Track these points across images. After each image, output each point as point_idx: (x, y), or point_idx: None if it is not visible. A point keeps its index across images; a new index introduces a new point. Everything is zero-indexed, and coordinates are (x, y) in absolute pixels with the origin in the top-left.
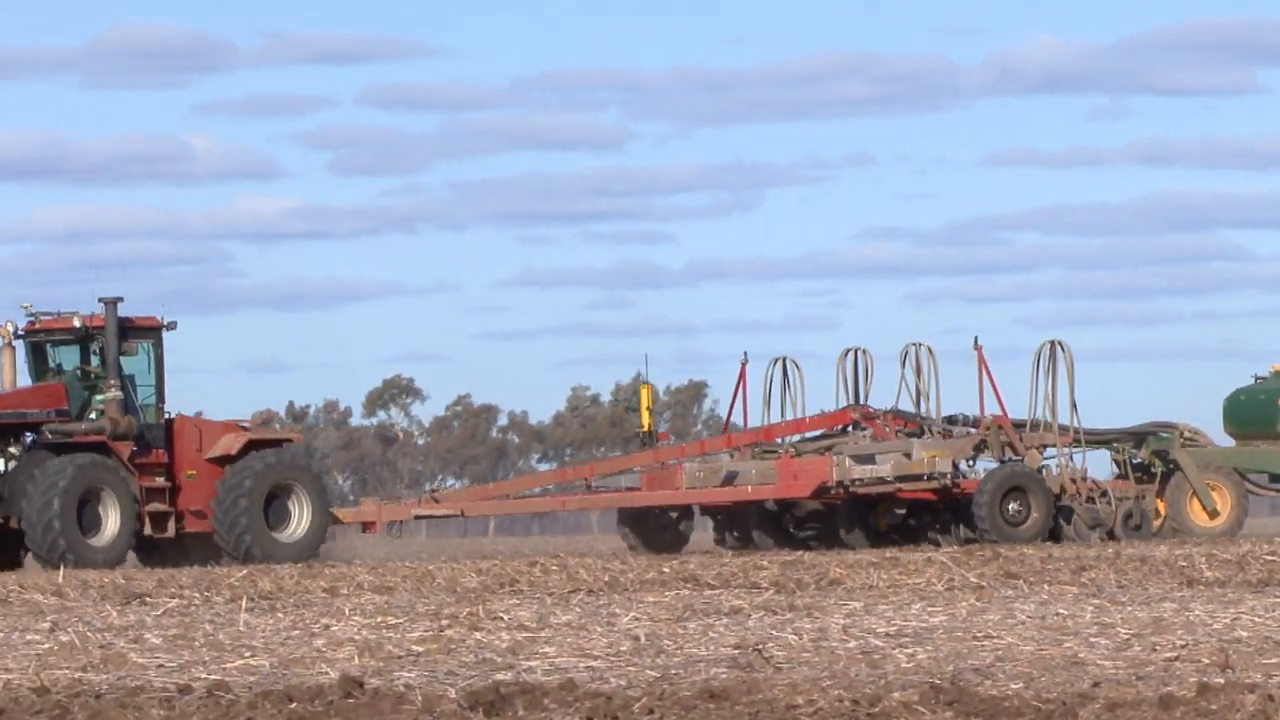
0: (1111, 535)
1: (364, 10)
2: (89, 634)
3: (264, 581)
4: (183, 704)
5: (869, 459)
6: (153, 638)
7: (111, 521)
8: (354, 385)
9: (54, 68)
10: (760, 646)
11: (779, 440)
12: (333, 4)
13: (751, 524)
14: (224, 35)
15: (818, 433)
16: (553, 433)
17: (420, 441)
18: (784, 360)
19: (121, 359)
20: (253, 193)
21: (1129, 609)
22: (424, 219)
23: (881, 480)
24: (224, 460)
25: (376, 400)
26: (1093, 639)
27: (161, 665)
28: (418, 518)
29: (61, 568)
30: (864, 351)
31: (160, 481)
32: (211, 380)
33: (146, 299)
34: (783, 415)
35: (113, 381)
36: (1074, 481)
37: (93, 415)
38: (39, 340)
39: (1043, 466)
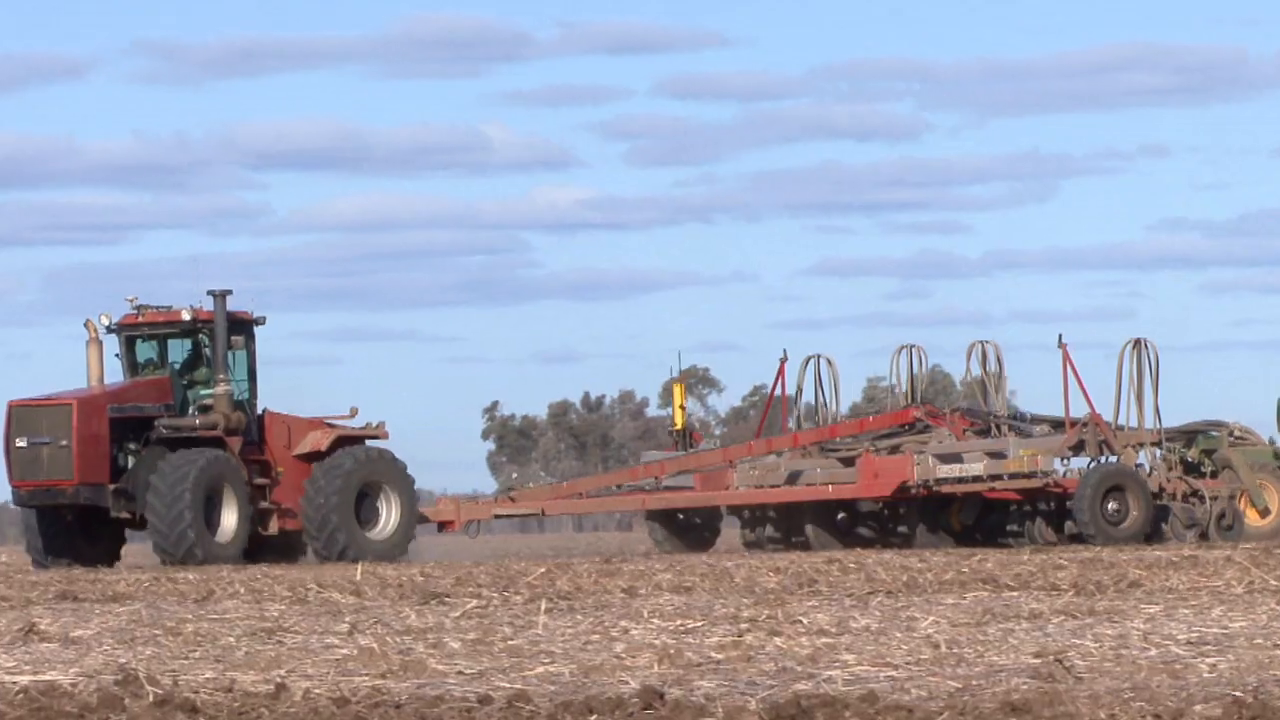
0: (1205, 536)
1: (660, 0)
2: (388, 637)
3: (562, 580)
4: (483, 715)
5: (955, 458)
6: (452, 641)
7: (230, 517)
8: (650, 375)
9: (350, 58)
10: (1061, 656)
11: (840, 439)
12: None
13: (806, 520)
14: (520, 25)
15: (884, 430)
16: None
17: (717, 431)
18: (818, 358)
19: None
20: (549, 183)
21: None
22: (720, 209)
23: (975, 479)
24: (312, 457)
25: (669, 389)
26: None
27: (461, 672)
28: (497, 516)
29: (359, 570)
30: (918, 349)
31: (262, 478)
32: (508, 370)
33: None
34: (817, 414)
35: (222, 376)
36: (1170, 481)
37: (192, 410)
38: (140, 334)
39: (1138, 465)
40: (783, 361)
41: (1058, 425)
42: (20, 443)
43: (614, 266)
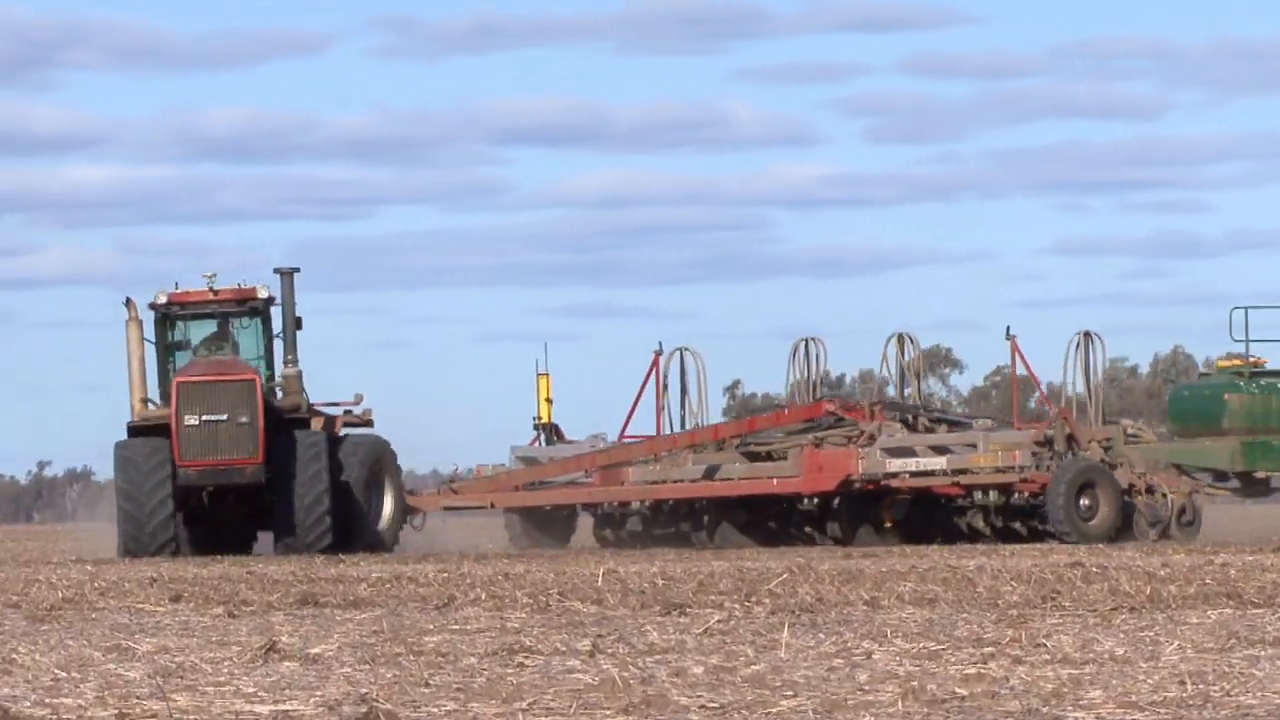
0: (1165, 533)
1: None
2: (629, 660)
3: (804, 588)
4: None
5: (906, 451)
6: (694, 665)
7: (389, 502)
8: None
9: (590, 34)
10: None
11: (770, 432)
12: None
13: (714, 517)
14: (761, 3)
15: (800, 425)
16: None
17: (960, 410)
18: (681, 351)
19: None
20: (789, 159)
21: None
22: (962, 187)
23: (932, 474)
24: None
25: (912, 368)
26: None
27: (704, 706)
28: (445, 509)
29: (601, 574)
30: (819, 341)
31: None
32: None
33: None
34: (683, 408)
35: (291, 357)
36: (1139, 477)
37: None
38: (212, 313)
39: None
40: (657, 355)
41: (1006, 421)
42: (191, 420)
43: (854, 243)
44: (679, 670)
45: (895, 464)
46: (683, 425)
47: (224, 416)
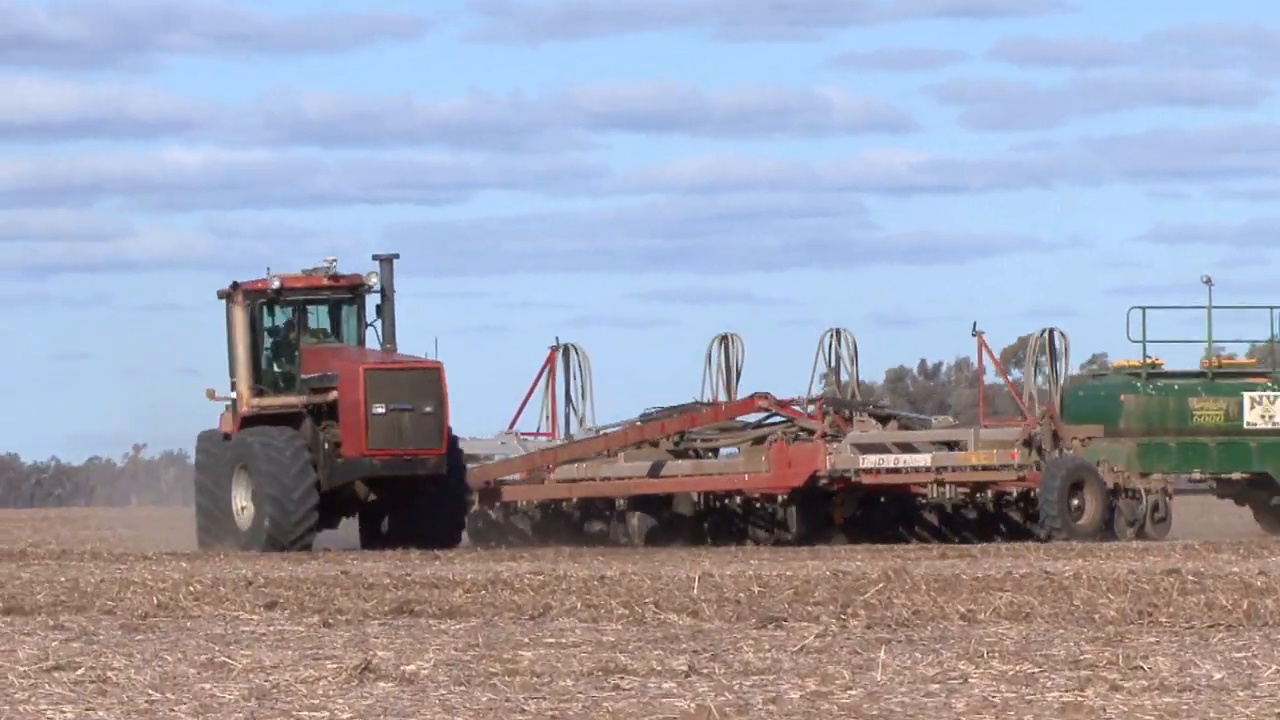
0: (1142, 531)
1: None
2: (725, 681)
3: (900, 598)
4: None
5: (879, 448)
6: (789, 689)
7: None
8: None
9: (686, 20)
10: None
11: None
12: None
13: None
14: None
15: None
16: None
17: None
18: (568, 347)
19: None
20: (885, 145)
21: None
22: (1058, 174)
23: (915, 470)
24: None
25: (1010, 357)
26: None
27: None
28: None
29: (697, 580)
30: (737, 338)
31: None
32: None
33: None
34: (568, 405)
35: (389, 344)
36: (1123, 476)
37: None
38: (324, 299)
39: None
40: (554, 350)
41: (970, 419)
42: (378, 408)
43: (950, 230)
44: (775, 696)
45: (870, 460)
46: (565, 424)
47: (410, 405)
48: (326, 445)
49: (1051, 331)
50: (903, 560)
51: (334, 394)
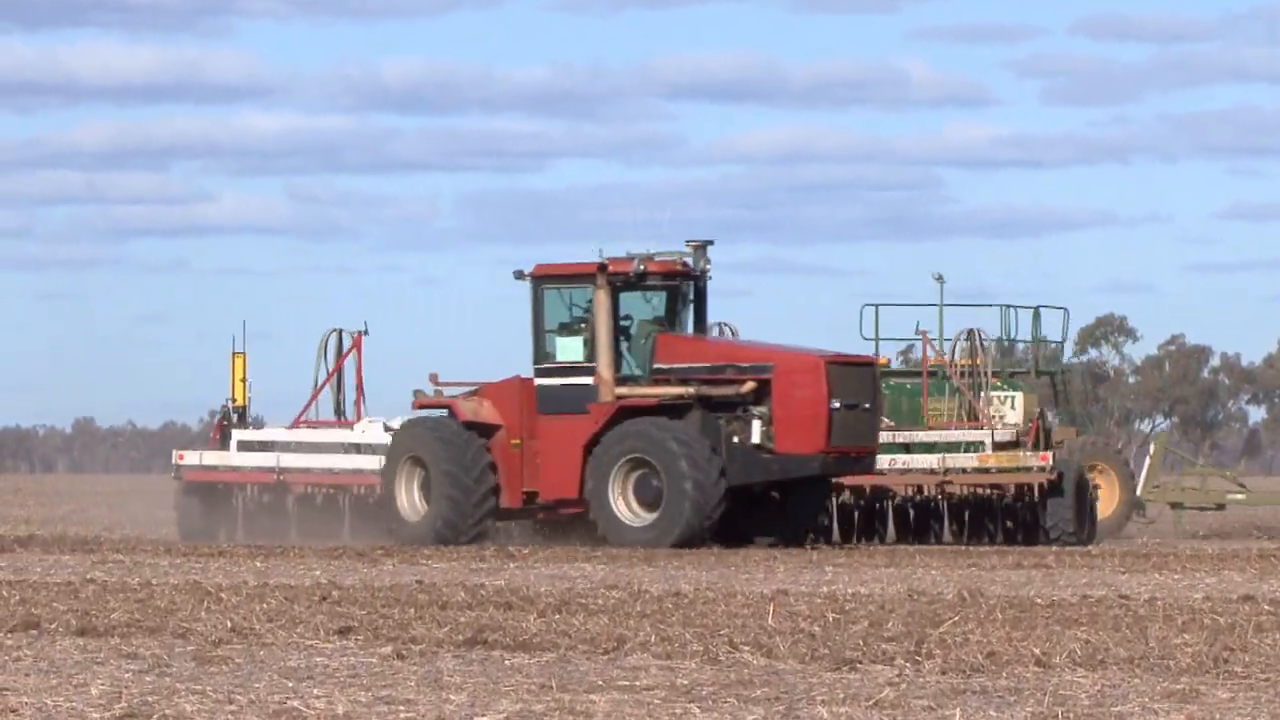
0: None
1: None
2: None
3: (975, 634)
4: None
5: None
6: None
7: None
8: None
9: None
10: None
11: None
12: None
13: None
14: None
15: None
16: (1263, 374)
17: (1131, 380)
18: (339, 332)
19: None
20: (964, 119)
21: None
22: (1136, 150)
23: (927, 471)
24: None
25: (1088, 337)
26: None
27: None
28: None
29: (771, 611)
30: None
31: None
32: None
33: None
34: (339, 393)
35: (700, 333)
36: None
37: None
38: (661, 285)
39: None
40: (360, 335)
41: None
42: (835, 404)
43: (1028, 204)
44: None
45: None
46: (339, 411)
47: (855, 402)
48: (735, 439)
49: (971, 331)
50: (977, 570)
51: (739, 387)
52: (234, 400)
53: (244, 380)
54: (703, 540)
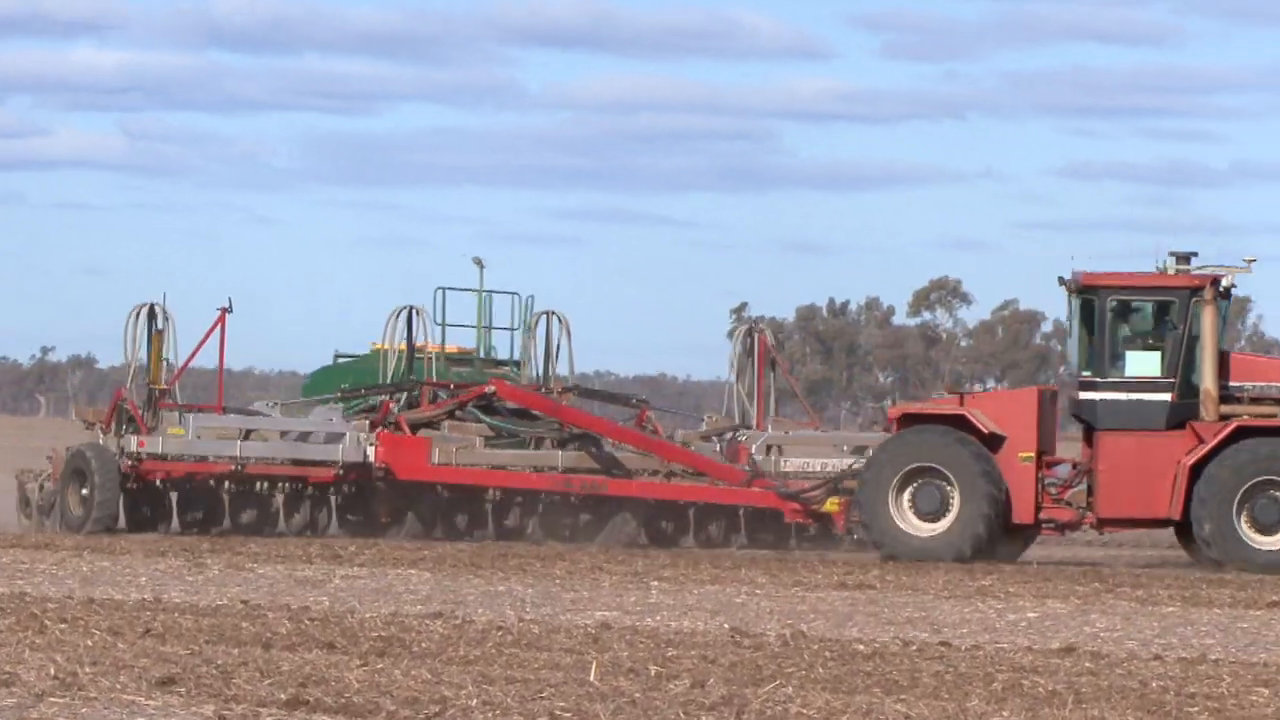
0: None
1: None
2: None
3: (795, 702)
4: None
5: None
6: None
7: None
8: (897, 277)
9: None
10: None
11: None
12: None
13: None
14: None
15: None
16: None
17: (964, 344)
18: (154, 306)
19: None
20: (802, 73)
21: None
22: (972, 106)
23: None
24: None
25: (922, 300)
26: None
27: None
28: None
29: (593, 667)
30: (556, 315)
31: None
32: (752, 257)
33: (693, 172)
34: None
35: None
36: None
37: None
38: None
39: None
40: (225, 311)
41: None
42: None
43: (864, 159)
44: None
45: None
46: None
47: None
48: None
49: (750, 329)
50: (802, 591)
51: None
52: (153, 381)
53: (164, 358)
54: None
